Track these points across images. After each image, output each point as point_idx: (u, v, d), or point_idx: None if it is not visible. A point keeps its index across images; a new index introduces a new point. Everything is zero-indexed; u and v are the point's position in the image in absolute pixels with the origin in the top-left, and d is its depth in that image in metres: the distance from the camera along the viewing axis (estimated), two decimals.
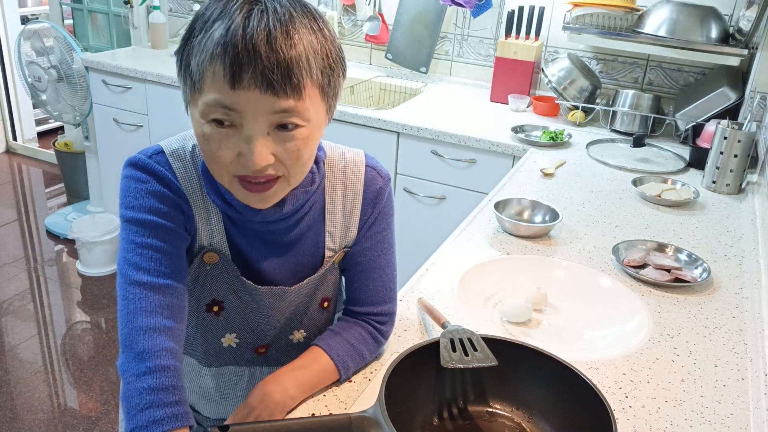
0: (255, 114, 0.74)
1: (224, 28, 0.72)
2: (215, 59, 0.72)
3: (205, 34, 0.73)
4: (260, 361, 1.04)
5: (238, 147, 0.76)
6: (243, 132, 0.75)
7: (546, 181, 1.85)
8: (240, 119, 0.74)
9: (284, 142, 0.77)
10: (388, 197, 0.98)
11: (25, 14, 4.42)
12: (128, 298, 0.79)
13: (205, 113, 0.75)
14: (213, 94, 0.73)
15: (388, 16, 2.85)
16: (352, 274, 1.01)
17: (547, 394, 0.88)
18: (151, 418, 0.73)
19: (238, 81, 0.71)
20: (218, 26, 0.72)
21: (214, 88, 0.73)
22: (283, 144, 0.77)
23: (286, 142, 0.77)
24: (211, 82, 0.73)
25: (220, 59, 0.72)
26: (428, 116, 2.31)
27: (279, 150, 0.77)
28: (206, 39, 0.73)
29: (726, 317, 1.24)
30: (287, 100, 0.74)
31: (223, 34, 0.71)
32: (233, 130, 0.76)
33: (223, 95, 0.73)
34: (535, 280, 1.29)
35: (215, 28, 0.72)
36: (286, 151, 0.77)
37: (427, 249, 1.45)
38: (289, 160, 0.78)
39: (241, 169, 0.78)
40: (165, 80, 2.69)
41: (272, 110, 0.74)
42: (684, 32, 2.11)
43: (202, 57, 0.73)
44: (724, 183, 1.84)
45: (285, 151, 0.77)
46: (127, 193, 0.85)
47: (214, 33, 0.72)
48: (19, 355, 2.47)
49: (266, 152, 0.76)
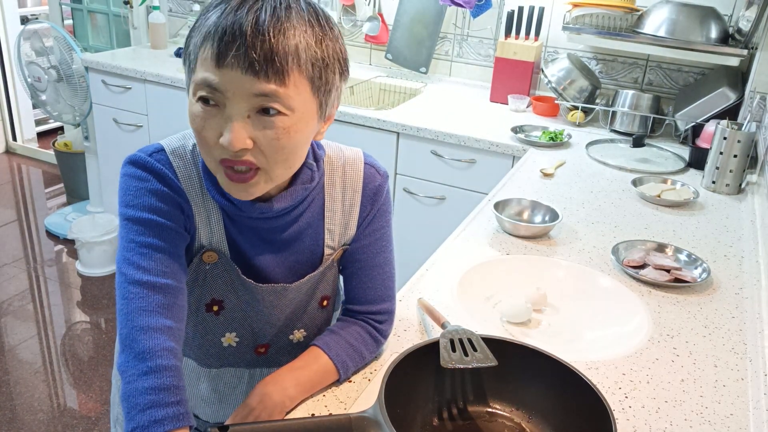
0: (236, 94, 0.75)
1: (219, 12, 0.75)
2: (206, 39, 0.75)
3: (204, 19, 0.77)
4: (260, 362, 1.04)
5: (220, 127, 0.77)
6: (225, 112, 0.77)
7: (546, 181, 1.85)
8: (223, 99, 0.76)
9: (264, 128, 0.77)
10: (386, 195, 0.98)
11: (25, 14, 4.41)
12: (128, 297, 0.79)
13: (194, 92, 0.78)
14: (202, 73, 0.76)
15: (387, 16, 2.85)
16: (350, 272, 1.01)
17: (547, 394, 0.88)
18: (152, 418, 0.73)
19: (222, 60, 0.74)
20: (215, 11, 0.76)
21: (203, 67, 0.76)
22: (263, 130, 0.77)
23: (266, 129, 0.77)
24: (202, 61, 0.76)
25: (210, 39, 0.75)
26: (428, 116, 2.31)
27: (258, 135, 0.77)
28: (203, 22, 0.77)
29: (726, 317, 1.24)
30: (268, 84, 0.75)
31: (217, 17, 0.75)
32: (217, 110, 0.77)
33: (209, 74, 0.75)
34: (534, 280, 1.29)
35: (212, 12, 0.76)
36: (265, 138, 0.77)
37: (427, 249, 1.45)
38: (268, 149, 0.78)
39: (222, 152, 0.78)
40: (165, 80, 2.69)
41: (253, 92, 0.75)
42: (684, 32, 2.11)
43: (197, 38, 0.77)
44: (724, 183, 1.84)
45: (264, 137, 0.77)
46: (126, 191, 0.85)
47: (210, 17, 0.76)
48: (19, 355, 2.47)
49: (243, 134, 0.76)
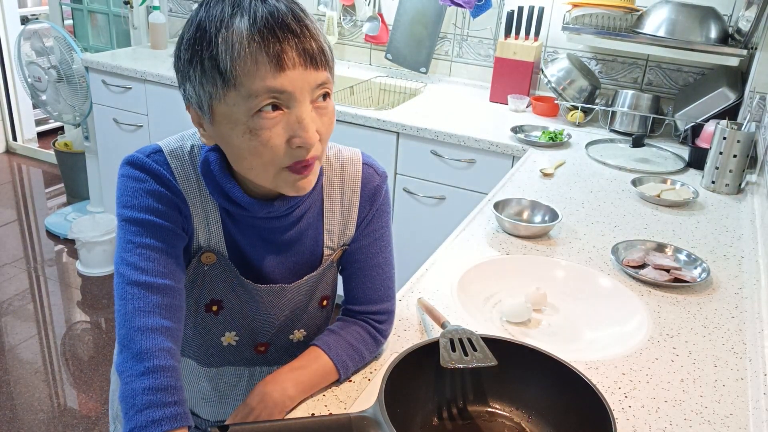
0: (302, 91, 0.75)
1: (250, 19, 0.73)
2: (252, 48, 0.72)
3: (227, 30, 0.73)
4: (260, 361, 1.04)
5: (289, 130, 0.76)
6: (293, 113, 0.76)
7: (545, 181, 1.85)
8: (287, 101, 0.75)
9: (322, 116, 0.79)
10: (385, 195, 0.98)
11: (25, 14, 4.41)
12: (126, 297, 0.79)
13: (252, 106, 0.74)
14: (258, 82, 0.73)
15: (387, 16, 2.85)
16: (350, 273, 1.01)
17: (547, 394, 0.88)
18: (149, 418, 0.73)
19: (284, 62, 0.73)
20: (240, 20, 0.73)
21: (258, 77, 0.73)
22: (321, 119, 0.79)
23: (323, 117, 0.79)
24: (254, 71, 0.73)
25: (259, 47, 0.72)
26: (428, 116, 2.31)
27: (319, 125, 0.79)
28: (231, 35, 0.73)
29: (725, 317, 1.24)
30: (324, 72, 0.77)
31: (251, 24, 0.73)
32: (280, 115, 0.76)
33: (268, 81, 0.73)
34: (534, 280, 1.29)
35: (236, 22, 0.73)
36: (324, 126, 0.80)
37: (427, 249, 1.46)
38: (326, 135, 0.81)
39: (292, 156, 0.78)
40: (165, 80, 2.69)
41: (315, 84, 0.76)
42: (683, 32, 2.11)
43: (234, 52, 0.73)
44: (724, 183, 1.84)
45: (323, 125, 0.80)
46: (124, 192, 0.85)
47: (238, 27, 0.73)
48: (19, 355, 2.47)
49: (314, 128, 0.77)
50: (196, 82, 0.76)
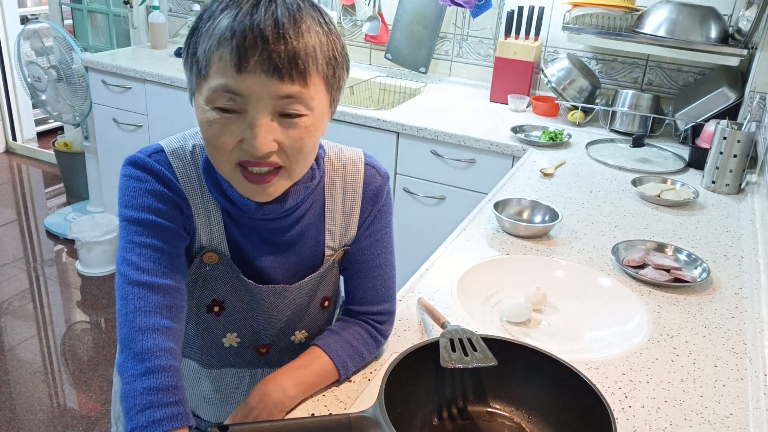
0: (260, 98, 0.75)
1: (232, 16, 0.73)
2: (222, 44, 0.73)
3: (213, 21, 0.75)
4: (261, 362, 1.04)
5: (241, 132, 0.77)
6: (247, 117, 0.76)
7: (545, 181, 1.85)
8: (245, 104, 0.75)
9: (287, 129, 0.77)
10: (386, 196, 0.98)
11: (25, 14, 4.41)
12: (127, 297, 0.79)
13: (210, 99, 0.76)
14: (219, 79, 0.74)
15: (387, 16, 2.85)
16: (351, 273, 1.01)
17: (547, 394, 0.88)
18: (150, 418, 0.73)
19: (245, 65, 0.73)
20: (226, 14, 0.74)
21: (220, 73, 0.74)
22: (287, 131, 0.77)
23: (290, 129, 0.77)
24: (218, 67, 0.74)
25: (227, 44, 0.73)
26: (428, 116, 2.31)
27: (282, 137, 0.77)
28: (214, 26, 0.75)
29: (725, 317, 1.24)
30: (293, 86, 0.75)
31: (231, 20, 0.73)
32: (237, 116, 0.76)
33: (229, 80, 0.74)
34: (534, 280, 1.29)
35: (223, 16, 0.74)
36: (289, 139, 0.78)
37: (427, 249, 1.45)
38: (292, 150, 0.79)
39: (243, 154, 0.78)
40: (165, 80, 2.69)
41: (278, 95, 0.75)
42: (683, 32, 2.11)
43: (209, 44, 0.75)
44: (724, 183, 1.84)
45: (288, 138, 0.78)
46: (126, 192, 0.85)
47: (221, 20, 0.74)
48: (19, 355, 2.47)
49: (269, 138, 0.76)
50: (187, 69, 0.80)
